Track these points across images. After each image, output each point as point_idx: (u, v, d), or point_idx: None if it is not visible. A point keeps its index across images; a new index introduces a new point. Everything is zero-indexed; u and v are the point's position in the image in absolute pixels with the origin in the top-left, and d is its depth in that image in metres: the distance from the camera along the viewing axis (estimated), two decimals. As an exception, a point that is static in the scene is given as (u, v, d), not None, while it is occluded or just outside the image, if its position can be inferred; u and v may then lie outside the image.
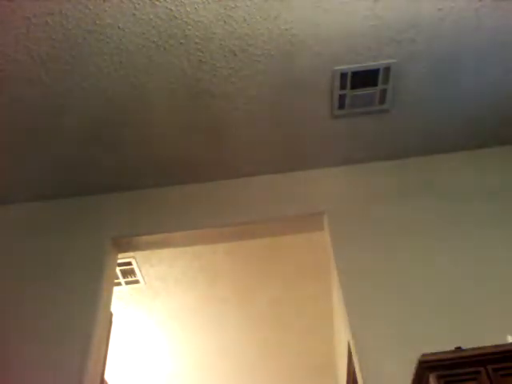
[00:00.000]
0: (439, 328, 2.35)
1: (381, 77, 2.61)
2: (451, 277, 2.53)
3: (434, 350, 2.14)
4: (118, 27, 2.32)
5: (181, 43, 2.41)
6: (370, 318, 2.42)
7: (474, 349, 1.79)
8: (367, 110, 2.77)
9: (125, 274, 3.78)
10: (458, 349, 1.85)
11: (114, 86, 2.55)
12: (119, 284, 3.86)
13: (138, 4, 2.25)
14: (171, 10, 2.28)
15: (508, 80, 2.70)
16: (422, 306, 2.43)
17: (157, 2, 2.25)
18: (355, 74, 2.59)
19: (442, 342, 2.25)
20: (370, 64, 2.56)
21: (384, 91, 2.68)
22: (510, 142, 3.06)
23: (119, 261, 3.61)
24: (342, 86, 2.64)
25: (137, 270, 3.76)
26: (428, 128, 2.93)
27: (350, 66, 2.57)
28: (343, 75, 2.60)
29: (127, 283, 3.87)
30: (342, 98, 2.69)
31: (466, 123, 2.92)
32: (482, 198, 2.83)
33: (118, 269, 3.71)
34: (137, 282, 3.86)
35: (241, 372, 5.13)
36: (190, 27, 2.35)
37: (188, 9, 2.28)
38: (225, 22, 2.34)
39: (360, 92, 2.67)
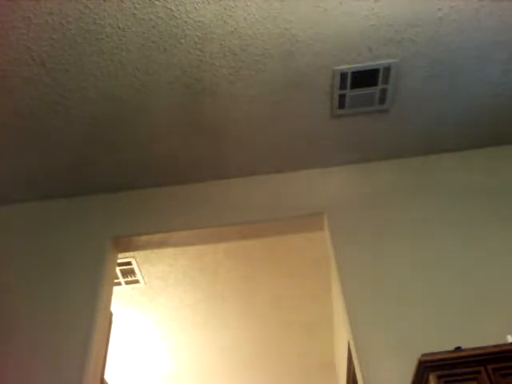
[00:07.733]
0: (439, 328, 2.35)
1: (381, 77, 2.61)
2: (451, 276, 2.53)
3: (433, 350, 2.15)
4: (118, 27, 2.32)
5: (181, 43, 2.41)
6: (370, 318, 2.42)
7: (474, 349, 1.79)
8: (367, 109, 2.77)
9: (125, 273, 3.78)
10: (458, 349, 1.85)
11: (113, 85, 2.55)
12: (119, 284, 3.87)
13: (138, 4, 2.25)
14: (171, 9, 2.27)
15: (507, 80, 2.70)
16: (422, 305, 2.43)
17: (157, 2, 2.25)
18: (355, 73, 2.59)
19: (442, 342, 2.25)
20: (370, 64, 2.56)
21: (384, 91, 2.69)
22: (510, 142, 3.06)
23: (119, 261, 3.61)
24: (342, 86, 2.64)
25: (137, 270, 3.77)
26: (428, 128, 2.93)
27: (350, 66, 2.57)
28: (343, 75, 2.60)
29: (127, 283, 3.88)
30: (342, 97, 2.70)
31: (465, 123, 2.92)
32: (482, 198, 2.83)
33: (117, 269, 3.71)
34: (137, 281, 3.87)
35: (240, 372, 5.13)
36: (189, 27, 2.35)
37: (188, 9, 2.28)
38: (225, 21, 2.34)
39: (360, 92, 2.67)
